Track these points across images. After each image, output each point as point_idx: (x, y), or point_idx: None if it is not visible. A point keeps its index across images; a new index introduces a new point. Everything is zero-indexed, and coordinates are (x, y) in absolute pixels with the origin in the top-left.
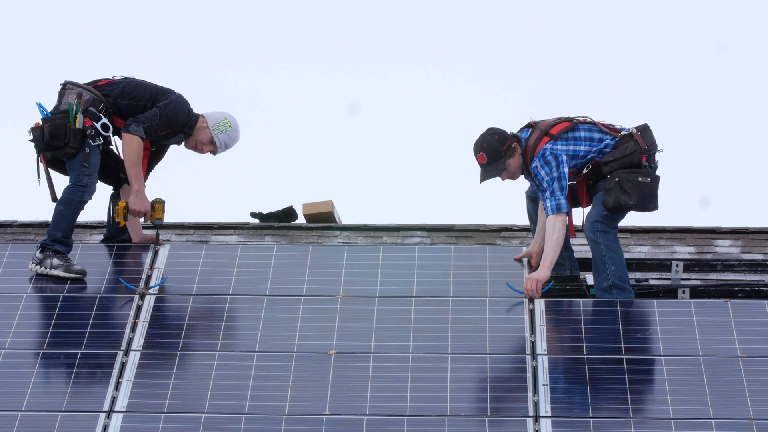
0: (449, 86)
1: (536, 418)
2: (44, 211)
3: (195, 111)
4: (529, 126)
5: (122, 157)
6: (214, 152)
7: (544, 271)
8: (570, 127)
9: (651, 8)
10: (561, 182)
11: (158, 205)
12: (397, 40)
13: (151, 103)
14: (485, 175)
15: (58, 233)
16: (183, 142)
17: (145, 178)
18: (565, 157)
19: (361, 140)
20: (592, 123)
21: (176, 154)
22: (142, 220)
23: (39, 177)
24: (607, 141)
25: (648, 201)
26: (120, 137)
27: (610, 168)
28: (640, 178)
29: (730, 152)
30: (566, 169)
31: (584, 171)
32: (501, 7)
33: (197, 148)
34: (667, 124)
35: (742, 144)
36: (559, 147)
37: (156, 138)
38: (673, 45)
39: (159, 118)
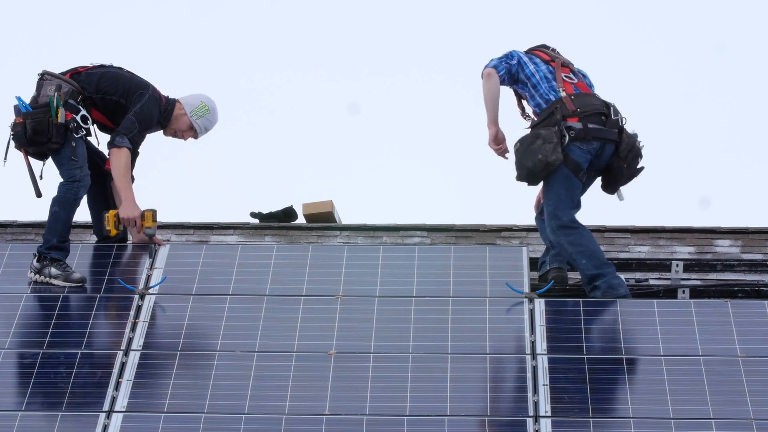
0: (449, 86)
1: (536, 418)
2: (44, 211)
3: (171, 97)
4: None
5: (104, 152)
6: (195, 137)
7: (489, 131)
8: (547, 60)
9: (651, 8)
10: (504, 56)
11: (148, 213)
12: (397, 40)
13: (124, 98)
14: None
15: (53, 239)
16: (162, 131)
17: (131, 178)
18: (509, 52)
19: (361, 140)
20: (566, 75)
21: (177, 154)
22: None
23: (5, 159)
24: (551, 97)
25: (517, 167)
26: (99, 129)
27: None
28: (515, 147)
29: (730, 152)
30: (514, 60)
31: (532, 117)
32: (501, 7)
33: (177, 135)
34: (668, 124)
35: (742, 144)
36: (521, 52)
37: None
38: (673, 45)
39: (138, 124)
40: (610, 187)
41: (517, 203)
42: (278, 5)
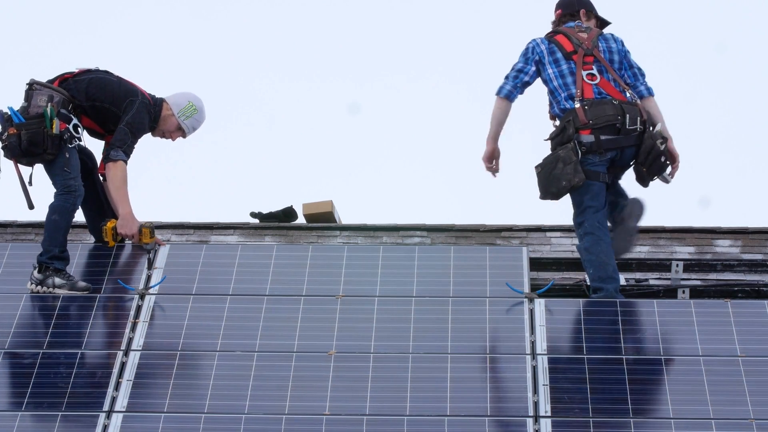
0: (449, 86)
1: (536, 418)
2: (44, 211)
3: (158, 96)
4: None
5: (94, 153)
6: (183, 137)
7: (486, 147)
8: (569, 51)
9: (651, 8)
10: (518, 72)
11: (146, 230)
12: (397, 40)
13: (115, 106)
14: None
15: (55, 249)
16: (149, 133)
17: None
18: (531, 47)
19: (361, 140)
20: (588, 73)
21: (176, 155)
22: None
23: (0, 171)
24: (567, 107)
25: (541, 190)
26: (90, 135)
27: (552, 147)
28: (537, 170)
29: (730, 152)
30: (531, 67)
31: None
32: (500, 7)
33: (165, 136)
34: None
35: (742, 144)
36: (539, 40)
37: None
38: (673, 45)
39: (131, 135)
40: (640, 181)
41: (517, 203)
42: (278, 6)
